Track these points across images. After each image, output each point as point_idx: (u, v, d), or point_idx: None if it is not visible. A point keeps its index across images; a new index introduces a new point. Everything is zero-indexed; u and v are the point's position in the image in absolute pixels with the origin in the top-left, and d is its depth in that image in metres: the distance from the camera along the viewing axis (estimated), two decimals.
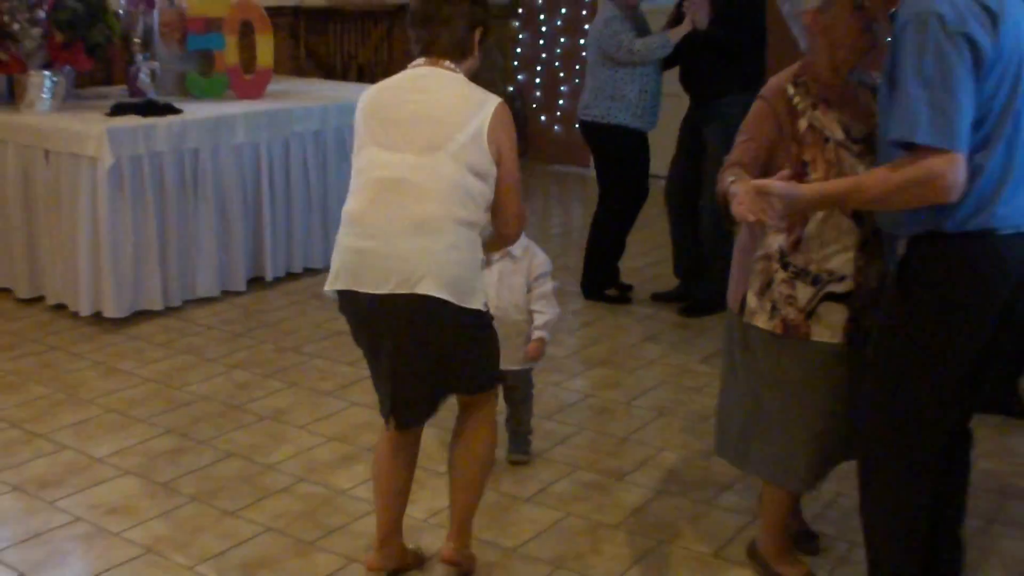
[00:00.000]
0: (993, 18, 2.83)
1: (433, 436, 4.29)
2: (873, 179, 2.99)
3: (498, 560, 3.82)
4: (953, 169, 2.83)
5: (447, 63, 3.30)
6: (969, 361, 3.09)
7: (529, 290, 4.28)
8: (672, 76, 6.60)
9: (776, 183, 3.02)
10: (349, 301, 3.32)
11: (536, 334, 4.27)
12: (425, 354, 3.33)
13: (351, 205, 3.30)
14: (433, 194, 3.16)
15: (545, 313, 4.27)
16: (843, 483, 4.06)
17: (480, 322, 3.37)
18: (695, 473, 4.53)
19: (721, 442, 3.86)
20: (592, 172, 7.43)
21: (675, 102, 7.16)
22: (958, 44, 2.81)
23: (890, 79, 2.96)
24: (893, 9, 3.08)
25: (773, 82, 3.53)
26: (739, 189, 3.10)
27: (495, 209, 3.33)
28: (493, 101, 3.24)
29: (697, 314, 6.44)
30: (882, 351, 3.20)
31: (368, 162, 3.26)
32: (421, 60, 3.33)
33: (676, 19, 6.37)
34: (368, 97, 3.35)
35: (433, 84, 3.28)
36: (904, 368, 3.13)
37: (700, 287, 6.53)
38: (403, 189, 3.17)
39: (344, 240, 3.32)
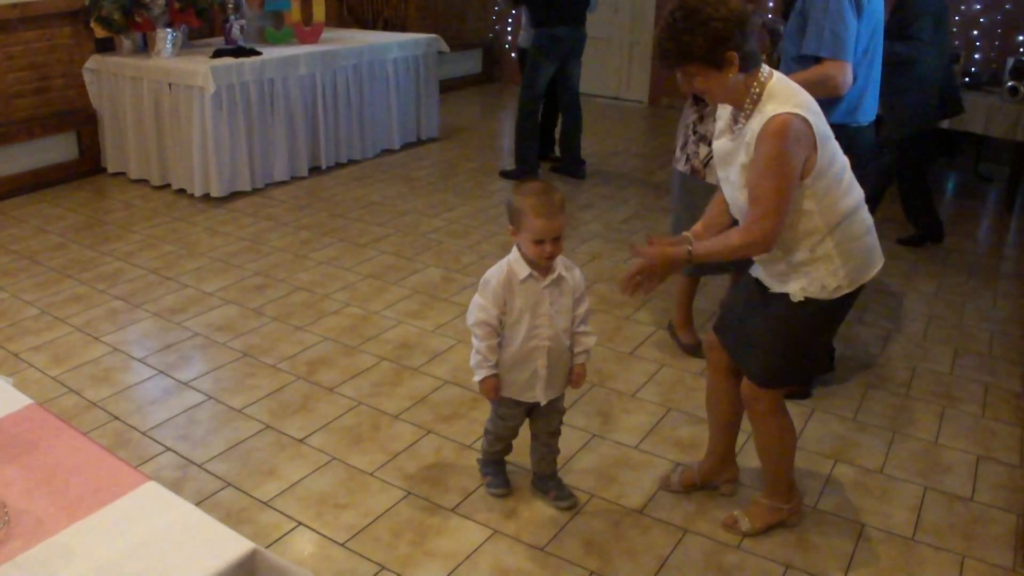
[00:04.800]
0: None
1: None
2: (795, 78, 3.04)
3: None
4: (843, 72, 3.04)
5: None
6: None
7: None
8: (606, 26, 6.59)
9: None
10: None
11: (580, 359, 2.74)
12: None
13: (857, 197, 2.43)
14: None
15: (591, 335, 2.74)
16: None
17: None
18: (618, 297, 4.43)
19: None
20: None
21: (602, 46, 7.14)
22: None
23: (801, 14, 3.14)
24: None
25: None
26: None
27: None
28: None
29: (560, 173, 6.64)
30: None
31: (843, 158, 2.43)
32: (769, 69, 2.37)
33: None
34: (813, 111, 2.33)
35: None
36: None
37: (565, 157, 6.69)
38: None
39: (870, 237, 2.45)
